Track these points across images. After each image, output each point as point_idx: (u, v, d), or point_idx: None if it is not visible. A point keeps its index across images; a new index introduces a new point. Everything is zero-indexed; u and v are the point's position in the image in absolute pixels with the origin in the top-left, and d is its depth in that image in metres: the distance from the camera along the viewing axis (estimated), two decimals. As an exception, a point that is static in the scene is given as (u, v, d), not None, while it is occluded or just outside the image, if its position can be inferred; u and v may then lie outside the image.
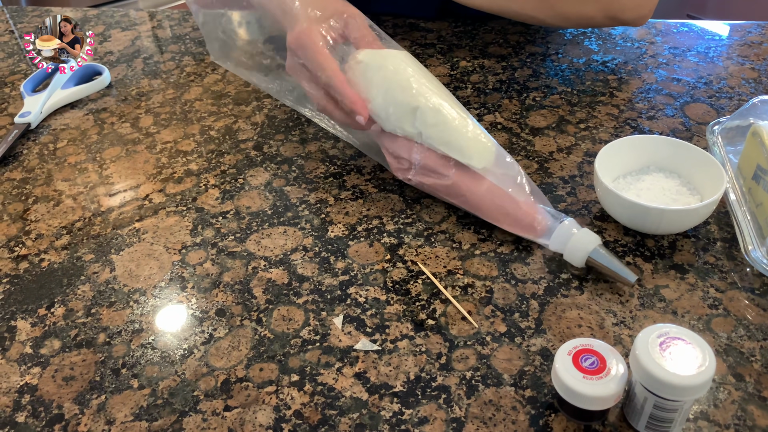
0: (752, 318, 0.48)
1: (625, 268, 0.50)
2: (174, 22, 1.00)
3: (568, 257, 0.52)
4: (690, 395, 0.37)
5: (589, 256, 0.51)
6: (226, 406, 0.44)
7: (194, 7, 0.71)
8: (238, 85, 0.81)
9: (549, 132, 0.69)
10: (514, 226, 0.55)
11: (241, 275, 0.54)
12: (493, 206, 0.55)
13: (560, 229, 0.52)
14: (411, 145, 0.57)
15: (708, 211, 0.53)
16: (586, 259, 0.51)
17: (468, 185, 0.56)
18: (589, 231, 0.52)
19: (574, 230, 0.52)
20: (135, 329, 0.50)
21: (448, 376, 0.45)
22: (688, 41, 0.86)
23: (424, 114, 0.55)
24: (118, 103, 0.80)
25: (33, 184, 0.66)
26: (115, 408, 0.44)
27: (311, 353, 0.47)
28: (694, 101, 0.73)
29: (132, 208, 0.62)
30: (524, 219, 0.54)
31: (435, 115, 0.55)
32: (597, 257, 0.50)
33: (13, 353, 0.49)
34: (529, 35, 0.89)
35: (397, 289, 0.52)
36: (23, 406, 0.45)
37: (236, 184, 0.65)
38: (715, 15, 2.03)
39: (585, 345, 0.41)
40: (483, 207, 0.56)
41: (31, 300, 0.53)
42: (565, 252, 0.52)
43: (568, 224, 0.52)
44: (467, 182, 0.56)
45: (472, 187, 0.56)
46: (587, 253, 0.51)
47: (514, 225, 0.55)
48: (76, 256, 0.57)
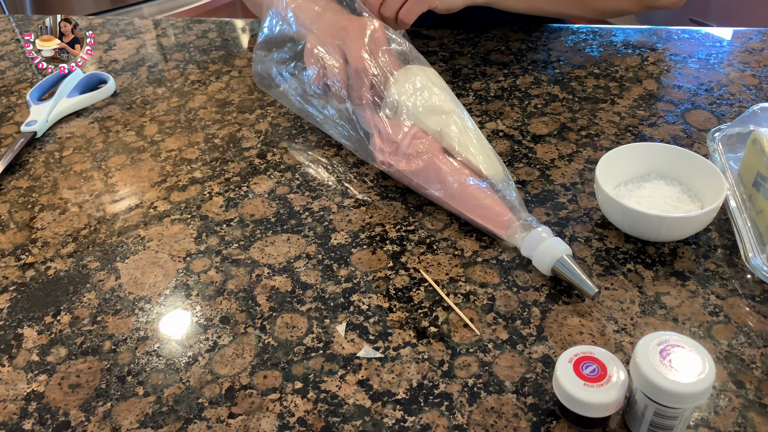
0: (753, 325, 0.48)
1: (588, 281, 0.50)
2: (178, 30, 1.00)
3: (536, 263, 0.52)
4: (690, 403, 0.38)
5: (554, 265, 0.51)
6: (230, 414, 0.44)
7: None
8: (241, 93, 0.82)
9: (550, 139, 0.70)
10: (485, 218, 0.56)
11: (245, 283, 0.54)
12: (467, 194, 0.57)
13: (533, 234, 0.53)
14: (403, 129, 0.61)
15: (708, 219, 0.54)
16: (552, 267, 0.51)
17: (448, 171, 0.58)
18: (560, 240, 0.52)
19: (545, 237, 0.52)
20: (140, 337, 0.50)
21: (450, 383, 0.45)
22: (689, 48, 0.86)
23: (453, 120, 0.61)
24: (123, 111, 0.80)
25: (39, 193, 0.67)
26: (121, 415, 0.45)
27: (314, 361, 0.48)
28: (695, 108, 0.73)
29: (137, 216, 0.63)
30: (496, 212, 0.55)
31: (462, 122, 0.61)
32: (562, 266, 0.51)
33: (20, 361, 0.49)
34: (531, 42, 0.89)
35: (400, 297, 0.52)
36: (30, 413, 0.45)
37: (240, 191, 0.65)
38: (718, 19, 2.04)
39: (586, 352, 0.42)
40: (457, 195, 0.57)
41: (37, 308, 0.54)
42: (534, 257, 0.52)
43: (541, 231, 0.53)
44: (447, 168, 0.58)
45: (452, 174, 0.58)
46: (554, 261, 0.51)
47: (484, 217, 0.56)
48: (81, 264, 0.58)
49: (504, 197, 0.56)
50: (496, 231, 0.55)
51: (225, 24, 1.02)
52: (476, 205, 0.56)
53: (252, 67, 0.78)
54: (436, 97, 0.63)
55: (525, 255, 0.54)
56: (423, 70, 0.65)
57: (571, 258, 0.51)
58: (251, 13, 2.31)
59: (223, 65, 0.89)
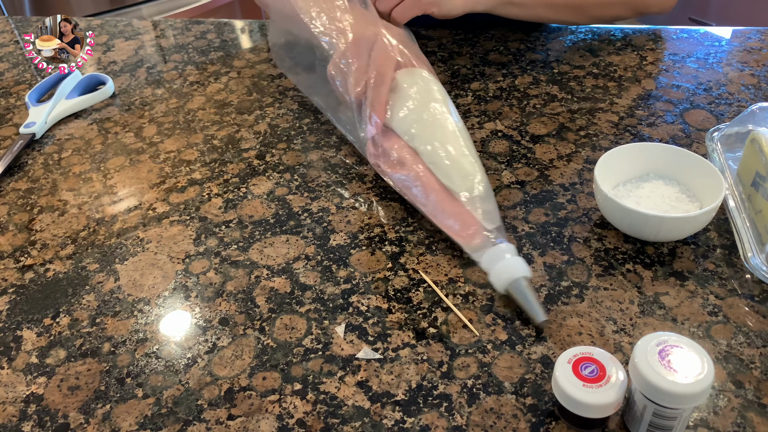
0: (752, 325, 0.48)
1: (539, 307, 0.49)
2: (177, 32, 1.00)
3: (492, 278, 0.51)
4: (689, 403, 0.38)
5: (509, 285, 0.50)
6: (229, 415, 0.44)
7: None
8: (240, 94, 0.82)
9: (549, 139, 0.70)
10: (451, 230, 0.55)
11: (244, 284, 0.54)
12: (437, 203, 0.57)
13: (494, 249, 0.52)
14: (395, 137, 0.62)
15: (707, 218, 0.54)
16: (507, 286, 0.50)
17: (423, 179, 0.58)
18: (522, 261, 0.51)
19: (506, 255, 0.51)
20: (139, 339, 0.50)
21: (450, 384, 0.45)
22: (687, 47, 0.86)
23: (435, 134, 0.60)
24: (121, 112, 0.80)
25: (38, 194, 0.67)
26: (120, 417, 0.45)
27: (314, 362, 0.48)
28: (694, 108, 0.73)
29: (136, 218, 0.63)
30: (463, 224, 0.54)
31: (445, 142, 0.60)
32: (515, 288, 0.50)
33: (19, 363, 0.49)
34: (530, 42, 0.89)
35: (399, 298, 0.52)
36: (29, 415, 0.45)
37: (239, 193, 0.65)
38: (718, 18, 2.04)
39: (585, 353, 0.42)
40: (430, 204, 0.57)
41: (36, 310, 0.54)
42: (491, 273, 0.51)
43: (504, 248, 0.52)
44: (424, 176, 0.58)
45: (426, 184, 0.58)
46: (510, 281, 0.50)
47: (451, 229, 0.55)
48: (80, 266, 0.58)
49: (477, 211, 0.55)
50: (461, 243, 0.55)
51: (224, 25, 1.02)
52: (445, 215, 0.56)
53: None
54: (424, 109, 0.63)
55: (483, 268, 0.53)
56: (420, 76, 0.66)
57: (528, 281, 0.50)
58: (251, 14, 2.30)
59: (222, 66, 0.89)
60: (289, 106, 0.79)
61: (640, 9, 0.84)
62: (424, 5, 0.73)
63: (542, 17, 0.86)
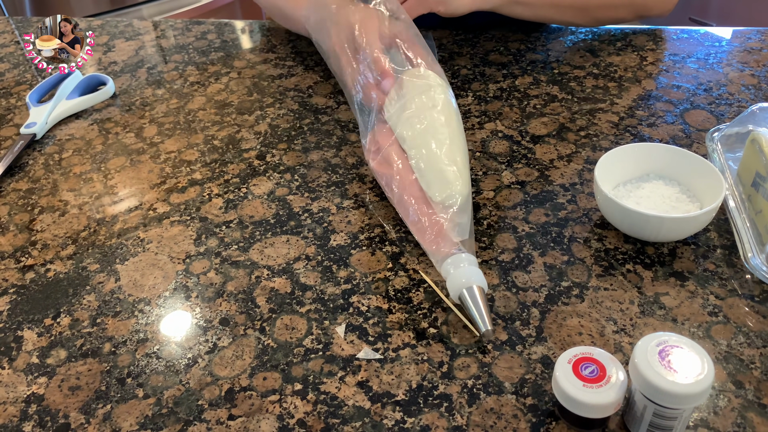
0: (752, 325, 0.48)
1: (486, 318, 0.47)
2: (177, 32, 1.00)
3: (448, 285, 0.50)
4: (689, 403, 0.38)
5: (462, 292, 0.49)
6: (230, 415, 0.44)
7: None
8: (241, 94, 0.82)
9: (549, 140, 0.70)
10: (419, 234, 0.55)
11: (245, 284, 0.54)
12: (408, 205, 0.56)
13: (454, 257, 0.50)
14: (390, 137, 0.61)
15: (707, 219, 0.54)
16: (459, 294, 0.49)
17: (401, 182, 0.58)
18: (479, 272, 0.49)
19: (462, 264, 0.50)
20: (140, 339, 0.50)
21: (450, 384, 0.46)
22: (687, 48, 0.86)
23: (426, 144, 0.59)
24: (122, 113, 0.80)
25: (39, 195, 0.67)
26: (121, 417, 0.45)
27: (314, 362, 0.48)
28: (694, 108, 0.73)
29: (136, 218, 0.63)
30: (433, 231, 0.54)
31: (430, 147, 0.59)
32: (466, 296, 0.48)
33: (19, 363, 0.49)
34: (530, 43, 0.89)
35: (399, 298, 0.52)
36: (30, 415, 0.45)
37: (239, 193, 0.65)
38: (718, 18, 2.04)
39: (585, 353, 0.42)
40: (402, 206, 0.57)
41: (37, 310, 0.54)
42: (447, 280, 0.50)
43: (464, 257, 0.50)
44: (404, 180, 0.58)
45: (404, 187, 0.57)
46: (462, 288, 0.48)
47: (418, 233, 0.55)
48: (81, 266, 0.58)
49: (448, 222, 0.54)
50: (425, 249, 0.54)
51: (224, 25, 1.02)
52: (416, 220, 0.55)
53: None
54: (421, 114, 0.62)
55: (441, 275, 0.52)
56: (426, 77, 0.65)
57: (482, 292, 0.49)
58: (251, 14, 2.30)
59: (222, 66, 0.89)
60: (290, 107, 0.79)
61: (642, 11, 0.85)
62: (431, 3, 0.72)
63: (546, 17, 0.87)
